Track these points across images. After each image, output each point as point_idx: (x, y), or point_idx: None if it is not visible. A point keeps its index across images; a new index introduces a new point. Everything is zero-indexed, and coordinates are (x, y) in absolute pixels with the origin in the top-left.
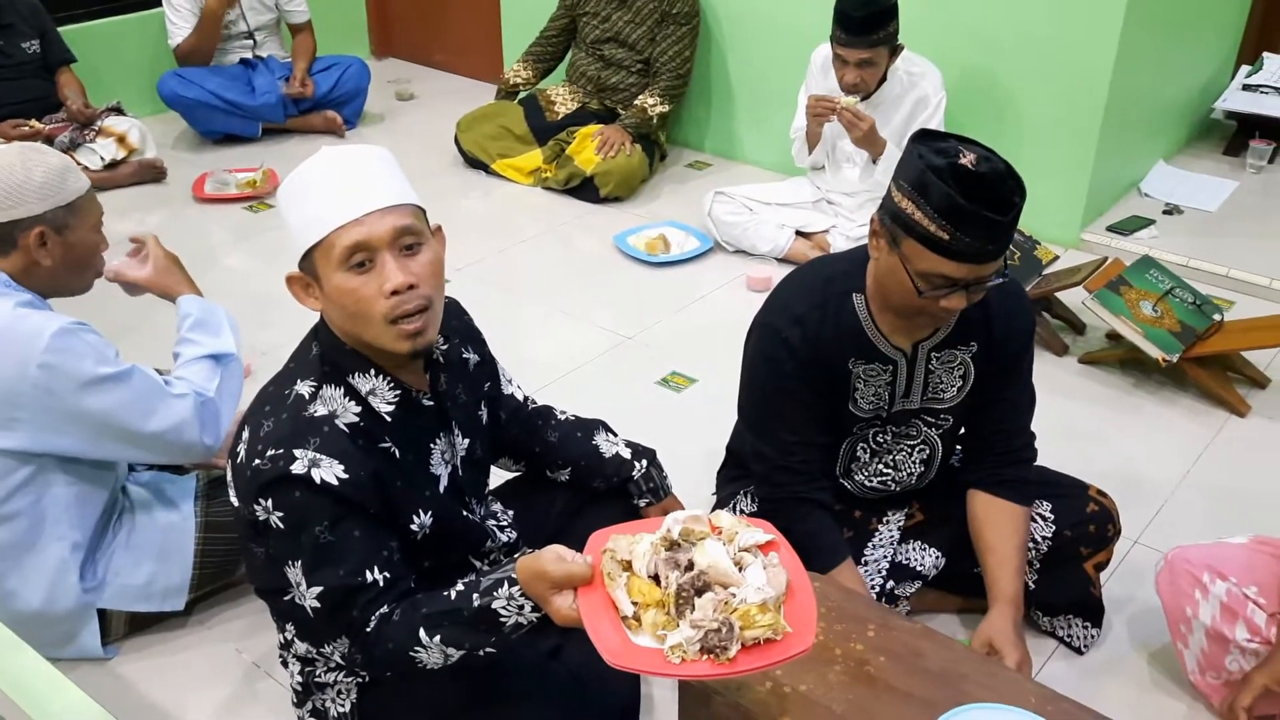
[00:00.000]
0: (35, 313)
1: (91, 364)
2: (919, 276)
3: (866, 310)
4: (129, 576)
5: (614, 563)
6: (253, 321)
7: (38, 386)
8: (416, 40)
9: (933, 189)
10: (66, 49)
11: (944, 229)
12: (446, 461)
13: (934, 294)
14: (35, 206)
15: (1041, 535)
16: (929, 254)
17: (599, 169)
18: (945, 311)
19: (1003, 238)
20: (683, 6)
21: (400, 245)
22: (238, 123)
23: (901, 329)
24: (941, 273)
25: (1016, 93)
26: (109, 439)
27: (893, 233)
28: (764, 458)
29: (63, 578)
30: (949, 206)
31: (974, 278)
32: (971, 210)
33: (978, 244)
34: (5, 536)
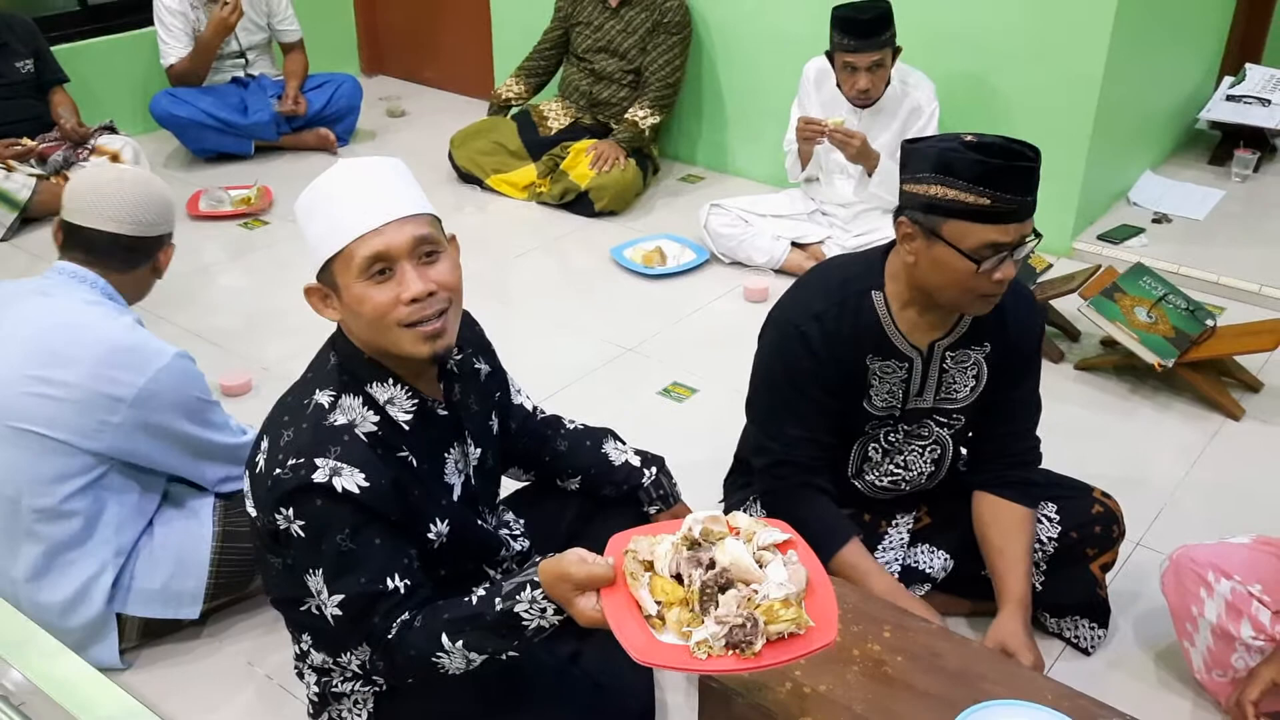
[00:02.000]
0: (150, 335)
1: (196, 390)
2: (972, 252)
3: (885, 307)
4: (147, 581)
5: (636, 563)
6: (251, 337)
7: (145, 400)
8: (406, 58)
9: (958, 163)
10: (60, 69)
11: (984, 194)
12: (460, 471)
13: (988, 267)
14: (173, 224)
15: (1047, 536)
16: (975, 226)
17: (593, 183)
18: (998, 286)
19: (1035, 188)
20: (674, 16)
21: (419, 254)
22: (231, 141)
23: (922, 327)
24: (992, 240)
25: (1007, 102)
26: (187, 453)
27: (928, 225)
28: (767, 452)
29: (97, 582)
30: (983, 172)
31: (1018, 238)
32: (1005, 166)
33: (1018, 198)
34: (58, 533)
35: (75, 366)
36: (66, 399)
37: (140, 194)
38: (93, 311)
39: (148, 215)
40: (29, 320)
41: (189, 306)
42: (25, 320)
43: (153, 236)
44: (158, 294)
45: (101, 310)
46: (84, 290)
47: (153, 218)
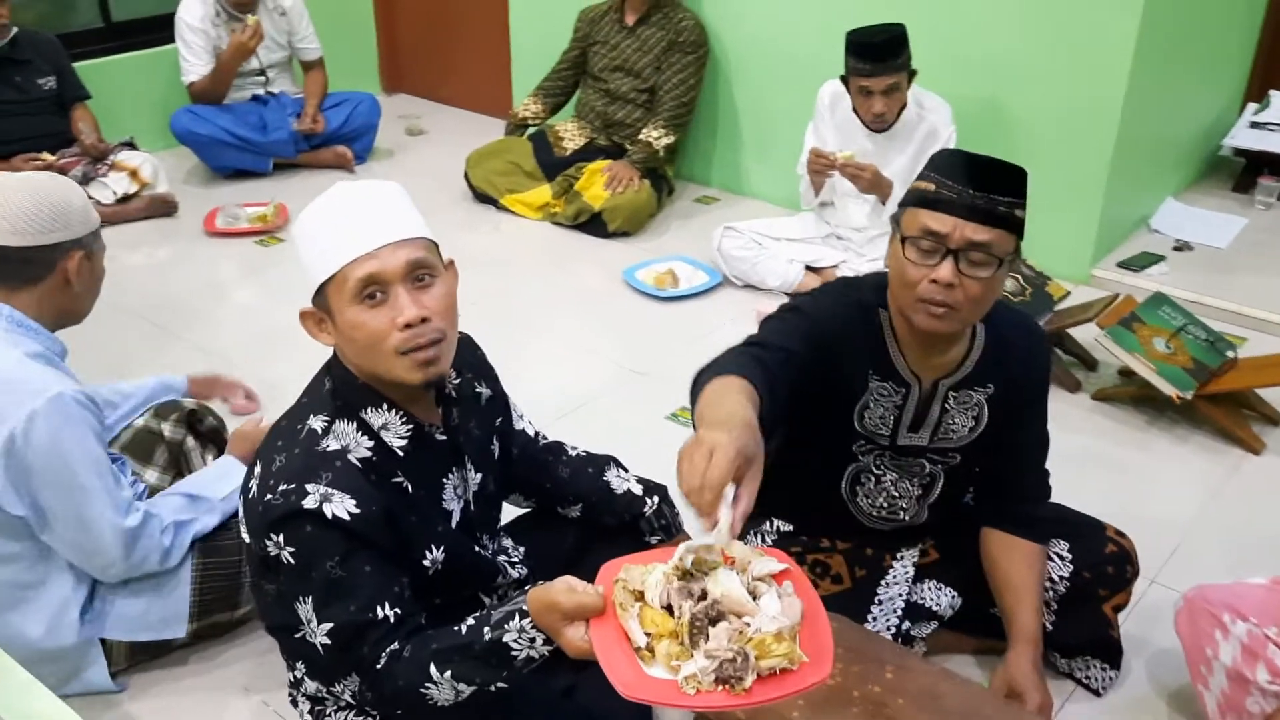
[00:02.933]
0: (41, 368)
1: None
2: (909, 241)
3: (890, 327)
4: (126, 606)
5: (626, 593)
6: (262, 356)
7: (12, 440)
8: (427, 76)
9: (937, 158)
10: (81, 85)
11: (930, 180)
12: (459, 496)
13: (922, 260)
14: (78, 230)
15: (1059, 575)
16: (916, 212)
17: (607, 204)
18: (936, 290)
19: (986, 191)
20: (689, 35)
21: (413, 278)
22: (249, 158)
23: (925, 358)
24: (927, 226)
25: (1026, 128)
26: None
27: (896, 219)
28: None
29: (64, 613)
30: (944, 162)
31: (961, 240)
32: (963, 159)
33: (959, 189)
34: (8, 576)
35: None
36: None
37: (23, 200)
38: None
39: (34, 222)
40: None
41: (199, 323)
42: None
43: (48, 245)
44: (168, 309)
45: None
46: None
47: (41, 224)
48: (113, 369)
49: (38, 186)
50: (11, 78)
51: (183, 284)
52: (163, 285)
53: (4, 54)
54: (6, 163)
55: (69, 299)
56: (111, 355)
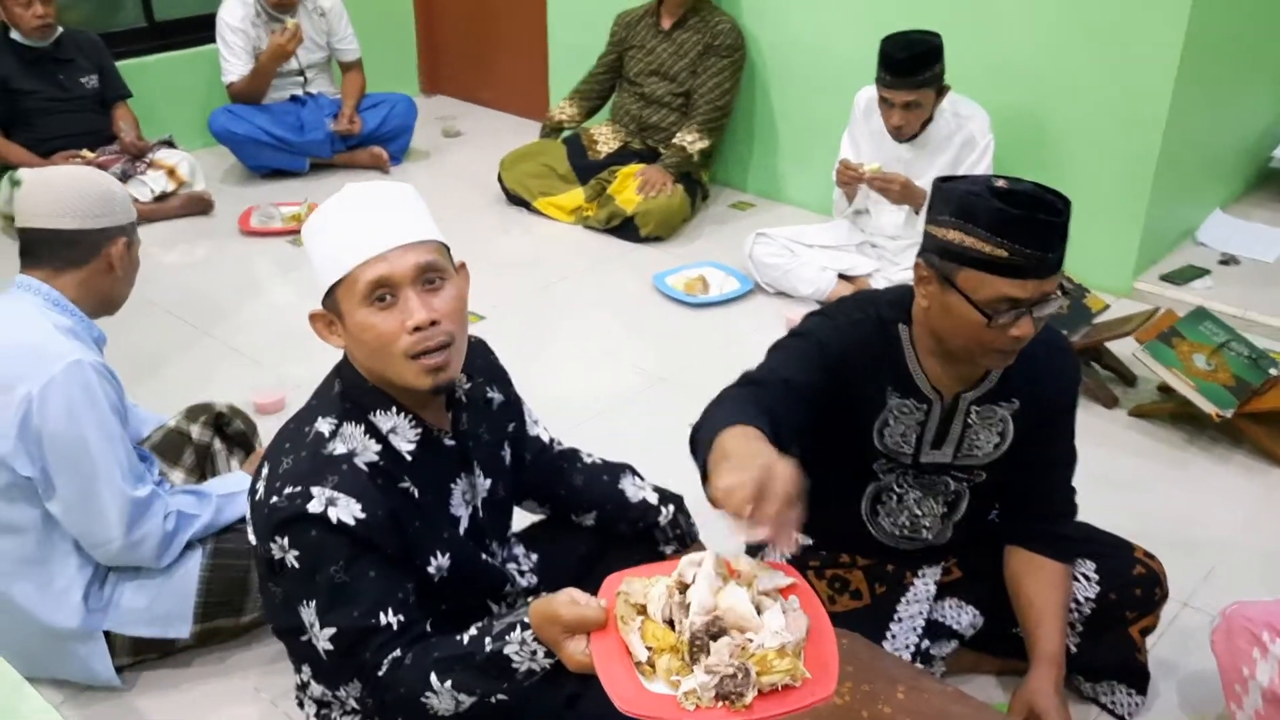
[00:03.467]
0: (65, 338)
1: (86, 404)
2: (985, 305)
3: (910, 344)
4: (132, 599)
5: (628, 606)
6: (291, 354)
7: (29, 401)
8: (465, 78)
9: (979, 210)
10: (123, 84)
11: (1001, 245)
12: (467, 502)
13: (1002, 322)
14: (121, 217)
15: (1084, 596)
16: (990, 278)
17: (639, 209)
18: (1014, 342)
19: (1059, 244)
20: (726, 39)
21: (423, 281)
22: (285, 158)
23: (948, 375)
24: (1007, 295)
25: (1066, 137)
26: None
27: (944, 270)
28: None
29: (68, 594)
30: (1001, 220)
31: (1038, 295)
32: (1026, 217)
33: (1038, 254)
34: (13, 548)
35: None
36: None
37: (71, 185)
38: (17, 323)
39: (83, 205)
40: None
41: (230, 321)
42: None
43: (95, 229)
44: (200, 306)
45: (24, 319)
46: (28, 302)
47: (89, 208)
48: (144, 365)
49: (84, 174)
50: (55, 76)
51: (216, 282)
52: (197, 283)
53: (48, 53)
54: (47, 160)
55: (109, 284)
56: (144, 351)
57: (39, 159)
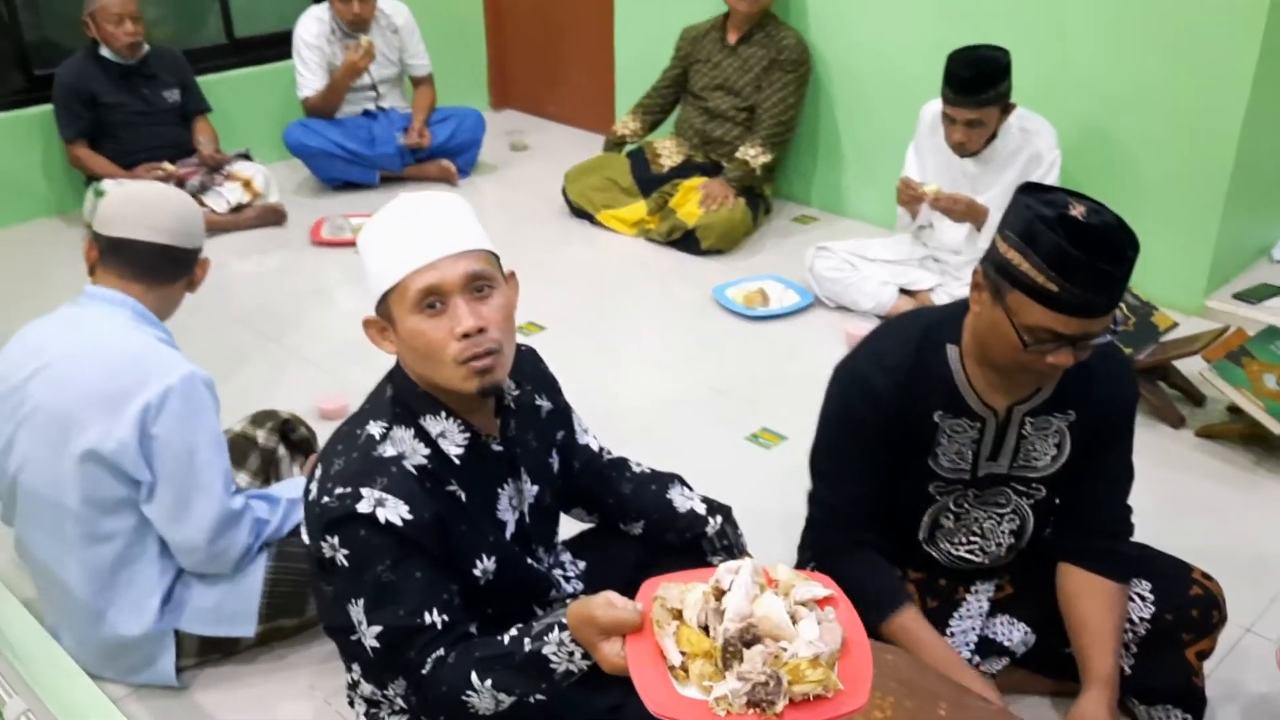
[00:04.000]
0: (172, 350)
1: (198, 414)
2: (1025, 330)
3: (960, 363)
4: (202, 599)
5: (664, 610)
6: (356, 361)
7: (147, 409)
8: (533, 93)
9: (1041, 238)
10: (203, 99)
11: (1053, 280)
12: (514, 507)
13: (1039, 349)
14: (204, 237)
15: (1139, 616)
16: (1036, 307)
17: (701, 222)
18: (1051, 368)
19: (1113, 291)
20: (791, 54)
21: (472, 289)
22: (357, 171)
23: (998, 388)
24: (1049, 327)
25: (1136, 152)
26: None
27: (997, 285)
28: (824, 505)
29: (147, 600)
30: (1058, 256)
31: (1082, 333)
32: (1083, 260)
33: (1087, 296)
34: (103, 556)
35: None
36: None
37: (182, 206)
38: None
39: (189, 226)
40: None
41: (299, 328)
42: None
43: (193, 249)
44: (271, 315)
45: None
46: (115, 315)
47: (193, 229)
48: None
49: (176, 193)
50: (139, 89)
51: (287, 291)
52: (268, 292)
53: (135, 68)
54: (130, 171)
55: (179, 299)
56: (215, 357)
57: (122, 170)
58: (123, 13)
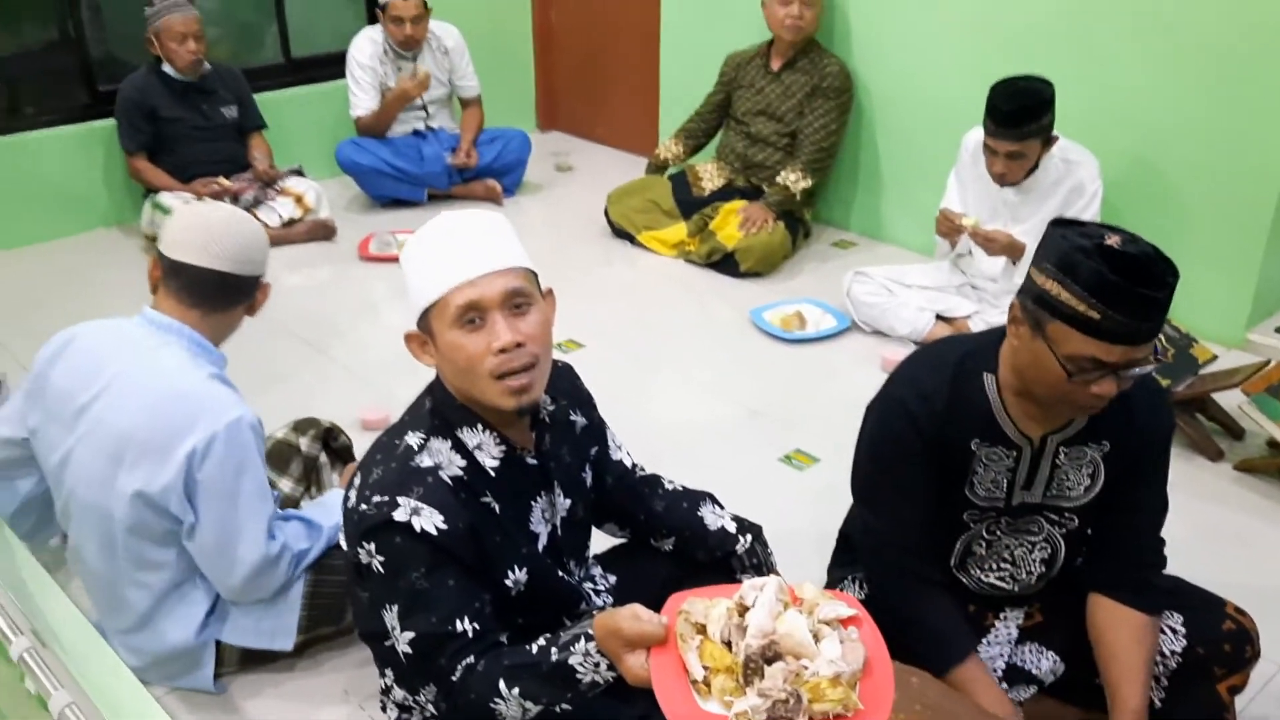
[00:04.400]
0: (223, 390)
1: (243, 460)
2: (1067, 360)
3: (996, 391)
4: (243, 613)
5: (689, 625)
6: (399, 374)
7: (194, 454)
8: (579, 115)
9: (1080, 267)
10: (259, 116)
11: (1094, 308)
12: (547, 520)
13: (1084, 379)
14: (266, 264)
15: (1170, 649)
16: (1078, 335)
17: (740, 245)
18: (1095, 399)
19: (1155, 316)
20: (833, 81)
21: (510, 305)
22: (405, 188)
23: (1034, 417)
24: (1092, 355)
25: (1180, 183)
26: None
27: (1036, 317)
28: (875, 533)
29: (193, 616)
30: (1099, 283)
31: (1126, 360)
32: (1123, 285)
33: (1131, 322)
34: (155, 578)
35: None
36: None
37: (247, 233)
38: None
39: (251, 254)
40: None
41: (344, 341)
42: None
43: (252, 276)
44: (318, 326)
45: (178, 366)
46: (171, 347)
47: (255, 256)
48: (264, 379)
49: (250, 221)
50: (199, 106)
51: (335, 304)
52: (317, 305)
53: (195, 84)
54: (187, 185)
55: (237, 324)
56: (264, 366)
57: (180, 184)
58: (186, 31)
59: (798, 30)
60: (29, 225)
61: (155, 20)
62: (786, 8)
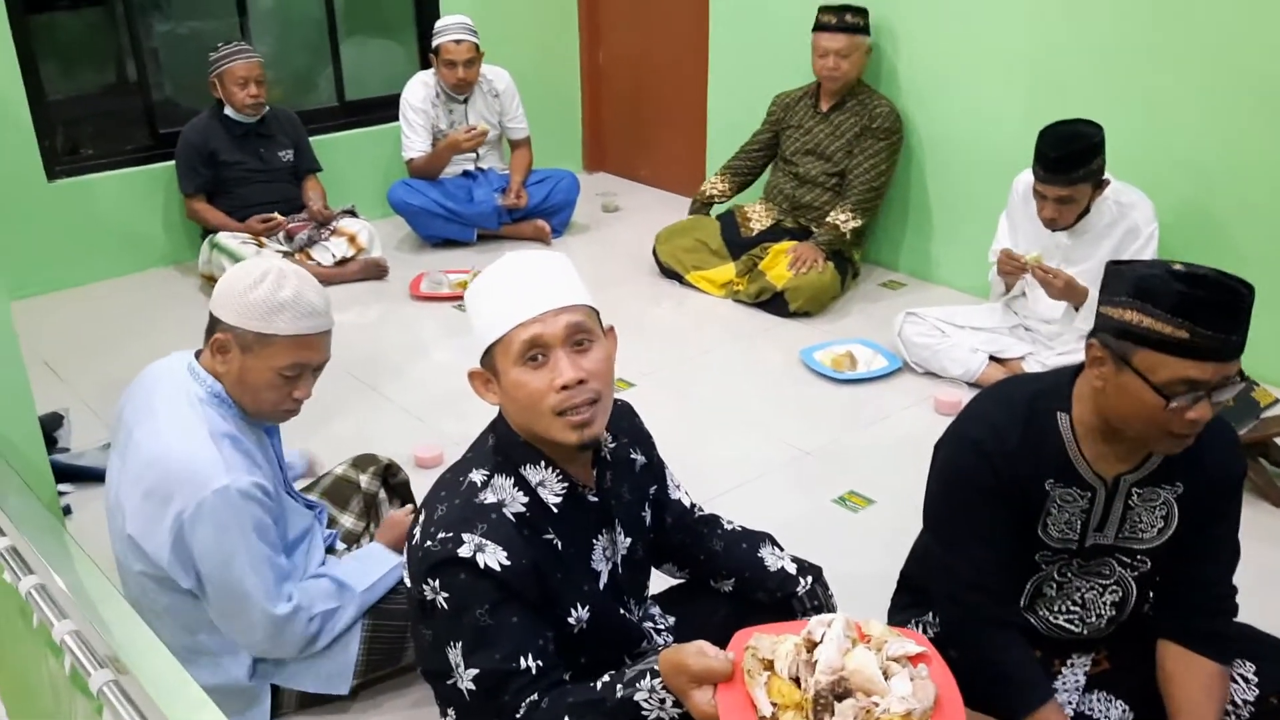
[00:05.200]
0: (216, 455)
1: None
2: (1164, 386)
3: (1071, 431)
4: (299, 659)
5: (756, 661)
6: (450, 412)
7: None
8: (626, 156)
9: (1159, 290)
10: (314, 159)
11: (1182, 326)
12: (608, 559)
13: (1180, 405)
14: (230, 316)
15: (1243, 699)
16: (1169, 359)
17: (790, 284)
18: (1190, 425)
19: (1242, 327)
20: (883, 122)
21: (572, 342)
22: (456, 229)
23: (1108, 458)
24: (1187, 376)
25: (1236, 225)
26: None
27: (1120, 351)
28: (954, 574)
29: (242, 661)
30: (1182, 301)
31: (1219, 378)
32: (1207, 299)
33: (1220, 335)
34: (171, 624)
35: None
36: None
37: (228, 271)
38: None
39: (215, 291)
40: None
41: (397, 379)
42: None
43: (212, 315)
44: (371, 364)
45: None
46: (181, 398)
47: (215, 294)
48: (318, 416)
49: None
50: (257, 149)
51: (386, 342)
52: (369, 343)
53: (254, 128)
54: (243, 224)
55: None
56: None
57: (236, 223)
58: (248, 76)
59: (834, 81)
60: (90, 264)
61: (219, 65)
62: (823, 59)
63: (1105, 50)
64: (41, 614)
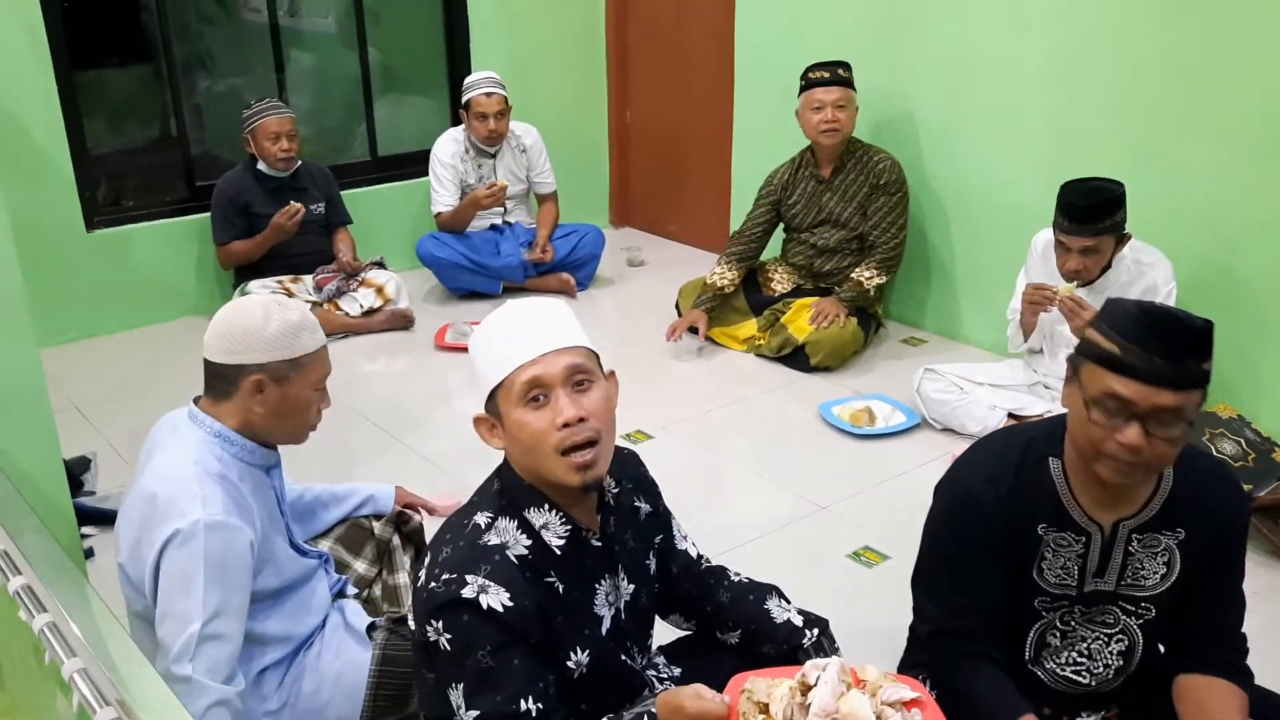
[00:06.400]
0: (196, 490)
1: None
2: (1092, 402)
3: (1064, 476)
4: (309, 701)
5: (751, 704)
6: (472, 461)
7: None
8: (652, 212)
9: (1115, 312)
10: (346, 212)
11: (1115, 342)
12: (610, 604)
13: (1107, 421)
14: (260, 356)
15: None
16: (1101, 372)
17: (811, 338)
18: (1122, 450)
19: (1179, 357)
20: (889, 176)
21: (573, 382)
22: (482, 281)
23: (1101, 502)
24: (1111, 389)
25: (1258, 286)
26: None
27: (1075, 365)
28: (928, 619)
29: (256, 691)
30: (1125, 322)
31: (1149, 405)
32: (1145, 322)
33: (1146, 356)
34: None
35: None
36: None
37: (221, 320)
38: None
39: (223, 342)
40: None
41: (420, 428)
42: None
43: (231, 364)
44: (395, 413)
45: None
46: (192, 437)
47: (228, 345)
48: (341, 464)
49: (239, 310)
50: (289, 201)
51: (411, 392)
52: (393, 392)
53: (287, 182)
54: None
55: (258, 420)
56: (341, 451)
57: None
58: (280, 131)
59: (835, 134)
60: (124, 312)
61: (253, 121)
62: (819, 114)
63: (1126, 112)
64: (53, 652)
